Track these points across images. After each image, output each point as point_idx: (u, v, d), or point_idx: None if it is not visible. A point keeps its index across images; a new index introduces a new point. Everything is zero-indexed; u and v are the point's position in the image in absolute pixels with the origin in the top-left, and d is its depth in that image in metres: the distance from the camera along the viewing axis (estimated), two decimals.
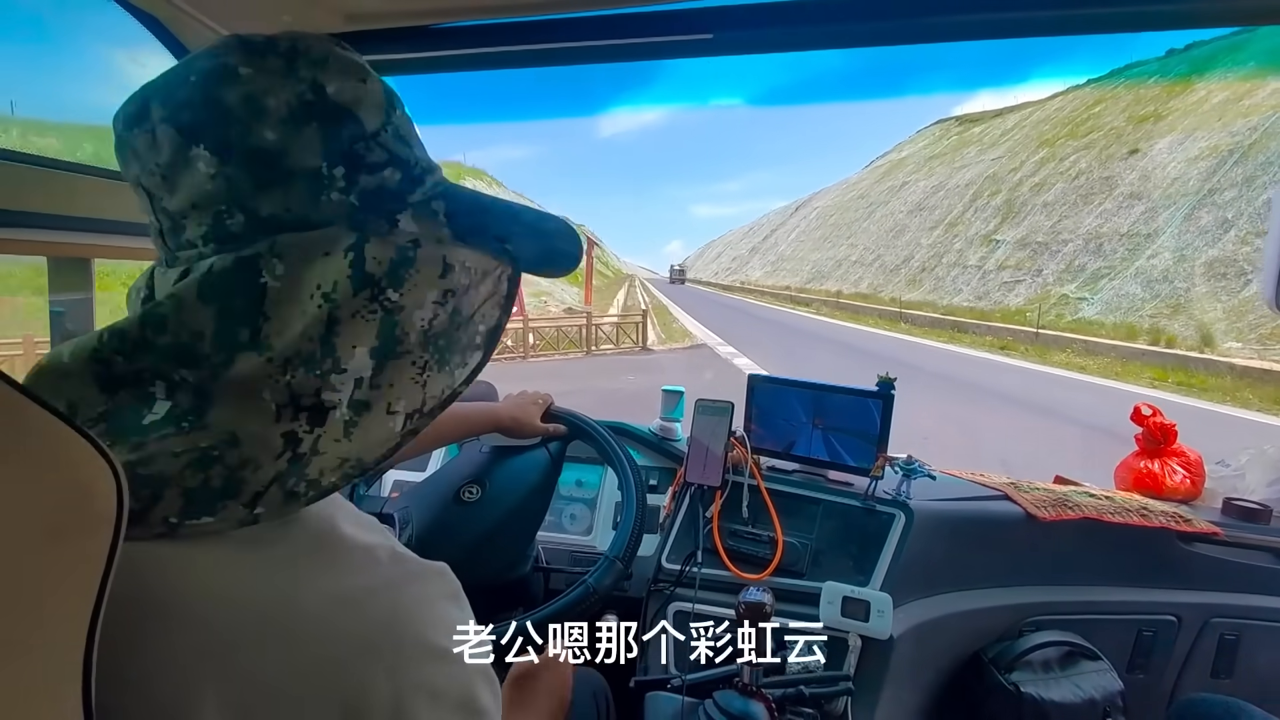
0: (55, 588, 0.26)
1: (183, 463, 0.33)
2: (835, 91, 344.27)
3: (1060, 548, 1.19)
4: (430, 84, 1.12)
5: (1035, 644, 1.09)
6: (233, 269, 0.35)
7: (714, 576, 1.09)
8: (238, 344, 0.35)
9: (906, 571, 1.05)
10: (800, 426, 1.21)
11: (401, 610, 0.36)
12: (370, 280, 0.37)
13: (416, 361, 0.40)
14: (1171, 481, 1.32)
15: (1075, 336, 13.51)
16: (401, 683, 0.34)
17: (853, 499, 1.13)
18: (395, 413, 0.39)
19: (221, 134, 0.35)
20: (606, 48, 0.91)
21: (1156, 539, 1.19)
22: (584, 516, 1.34)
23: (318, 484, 0.36)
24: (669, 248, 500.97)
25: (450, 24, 0.91)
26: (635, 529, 0.98)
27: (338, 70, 0.37)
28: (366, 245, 0.37)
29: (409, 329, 0.39)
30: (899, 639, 0.99)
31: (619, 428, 1.37)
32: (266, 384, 0.35)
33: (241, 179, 0.35)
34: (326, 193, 0.37)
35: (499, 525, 0.99)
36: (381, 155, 0.39)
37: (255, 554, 0.34)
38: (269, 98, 0.35)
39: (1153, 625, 1.19)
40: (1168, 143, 18.63)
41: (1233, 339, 10.94)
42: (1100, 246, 17.20)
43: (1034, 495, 1.22)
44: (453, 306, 0.41)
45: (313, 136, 0.36)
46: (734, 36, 0.88)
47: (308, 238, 0.36)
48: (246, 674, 0.31)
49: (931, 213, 29.16)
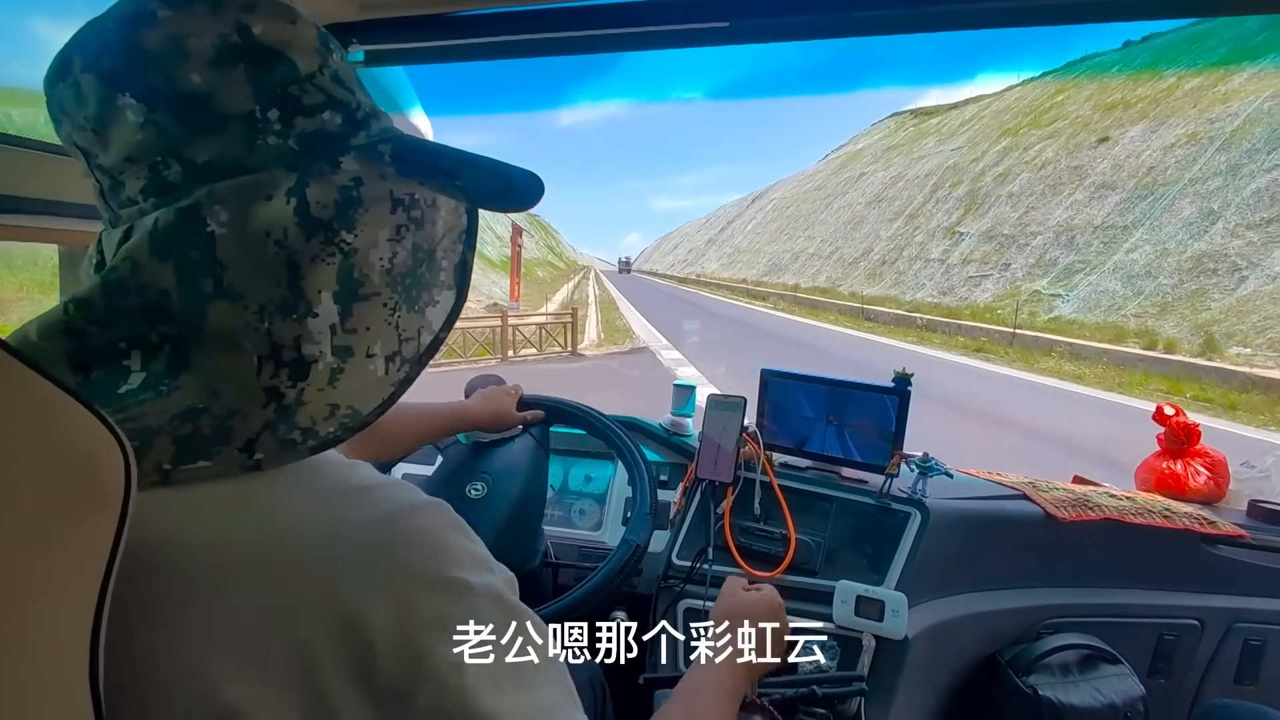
0: (63, 568, 0.25)
1: (168, 416, 0.33)
2: (792, 86, 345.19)
3: (1080, 549, 1.17)
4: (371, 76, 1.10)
5: (1054, 647, 1.06)
6: (176, 221, 0.34)
7: (725, 574, 1.07)
8: (204, 295, 0.34)
9: (922, 571, 1.04)
10: (814, 422, 1.19)
11: (402, 539, 0.35)
12: (320, 224, 0.36)
13: (387, 302, 0.39)
14: (1195, 483, 1.30)
15: (1057, 338, 12.14)
16: (409, 614, 0.33)
17: (867, 497, 1.12)
18: (374, 356, 0.39)
19: (145, 79, 0.34)
20: (624, 36, 0.90)
21: (1179, 541, 1.16)
22: (593, 512, 1.33)
23: (314, 433, 0.36)
24: (628, 239, 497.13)
25: (465, 12, 0.91)
26: (649, 484, 0.99)
27: (265, 12, 0.36)
28: (307, 188, 0.36)
29: (368, 270, 0.38)
30: (914, 640, 0.98)
31: (630, 423, 1.36)
32: (247, 334, 0.35)
33: (172, 126, 0.34)
34: (262, 136, 0.35)
35: (511, 519, 0.98)
36: (318, 98, 0.37)
37: (252, 492, 0.34)
38: (191, 39, 0.34)
39: (1175, 629, 1.16)
40: (1140, 130, 17.42)
41: (1237, 343, 9.89)
42: (1073, 239, 15.90)
43: (1053, 495, 1.19)
44: (411, 242, 0.40)
45: (241, 78, 0.35)
46: (750, 24, 0.87)
47: (244, 182, 0.35)
48: (233, 607, 0.31)
49: (890, 204, 27.47)
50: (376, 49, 0.97)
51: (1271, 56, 16.34)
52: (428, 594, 0.34)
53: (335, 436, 0.37)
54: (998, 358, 11.68)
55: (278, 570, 0.32)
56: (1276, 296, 10.42)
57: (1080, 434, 6.13)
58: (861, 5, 0.82)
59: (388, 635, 0.32)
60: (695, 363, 10.64)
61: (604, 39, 0.92)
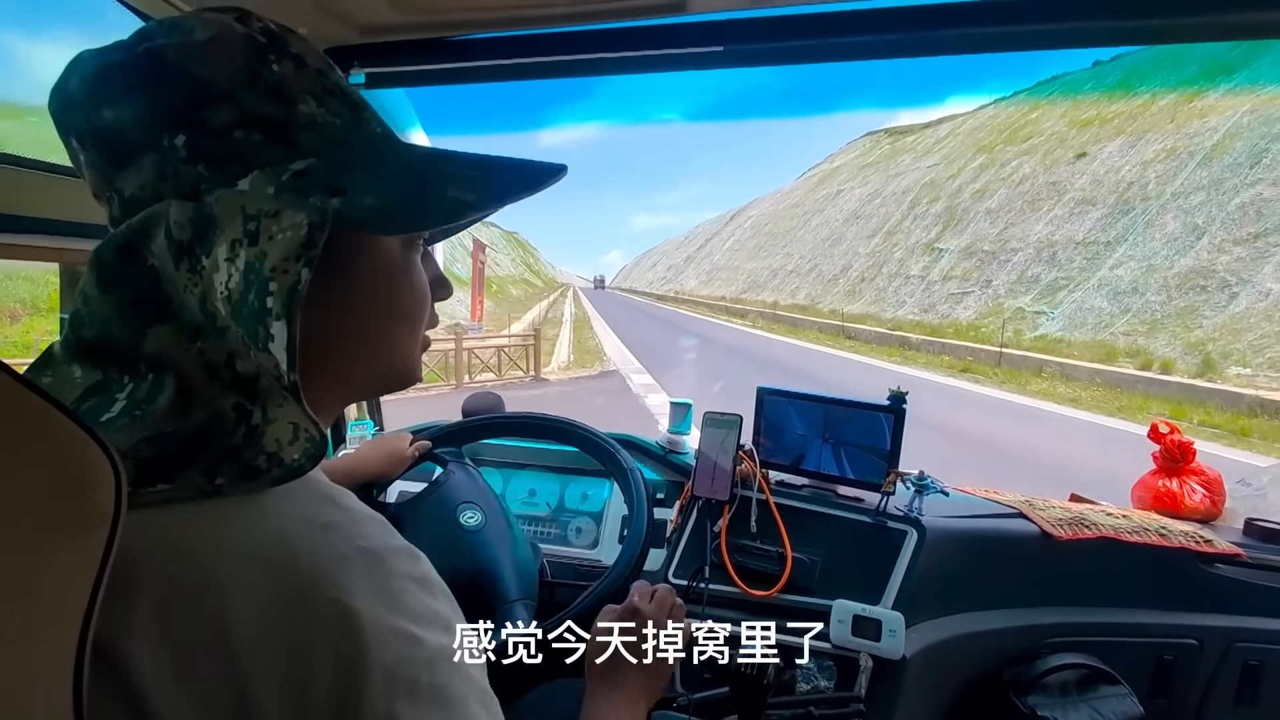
0: (54, 581, 0.26)
1: (137, 438, 0.32)
2: (768, 108, 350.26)
3: (1077, 567, 1.17)
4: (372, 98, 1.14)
5: (1052, 666, 1.06)
6: (114, 257, 0.35)
7: (722, 592, 1.07)
8: (141, 321, 0.35)
9: (919, 590, 1.03)
10: (810, 440, 1.19)
11: (361, 585, 0.33)
12: (182, 248, 0.34)
13: (239, 336, 0.34)
14: (1191, 501, 1.30)
15: (1045, 357, 11.83)
16: (352, 658, 0.31)
17: (863, 515, 1.11)
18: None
19: (74, 122, 0.36)
20: (619, 60, 0.91)
21: (1176, 559, 1.16)
22: (589, 530, 1.33)
23: (280, 459, 0.35)
24: (608, 257, 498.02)
25: (464, 36, 0.92)
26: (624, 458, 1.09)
27: (187, 33, 0.34)
28: (169, 210, 0.34)
29: (216, 300, 0.34)
30: (911, 659, 0.97)
31: (627, 440, 1.36)
32: (183, 358, 0.35)
33: (101, 163, 0.35)
34: (171, 165, 0.34)
35: (517, 541, 1.01)
36: (230, 115, 0.35)
37: (212, 519, 0.33)
38: (108, 77, 0.35)
39: (1173, 649, 1.16)
40: (1117, 145, 17.51)
41: (1235, 362, 9.69)
42: (1054, 255, 15.91)
43: (1050, 514, 1.19)
44: (244, 261, 0.33)
45: (145, 107, 0.34)
46: (744, 49, 0.89)
47: (149, 213, 0.35)
48: (178, 640, 0.30)
49: (868, 221, 27.85)
50: (377, 71, 0.98)
51: (1245, 74, 16.47)
52: (377, 641, 0.32)
53: (301, 465, 0.35)
54: (986, 378, 11.35)
55: (231, 600, 0.31)
56: (1271, 314, 10.31)
57: (1093, 467, 5.58)
58: (847, 31, 0.84)
59: (327, 681, 0.31)
60: (666, 388, 10.03)
61: (599, 63, 0.93)
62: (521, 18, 0.87)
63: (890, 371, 11.95)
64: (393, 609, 0.33)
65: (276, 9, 0.85)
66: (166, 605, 0.31)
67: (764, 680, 0.76)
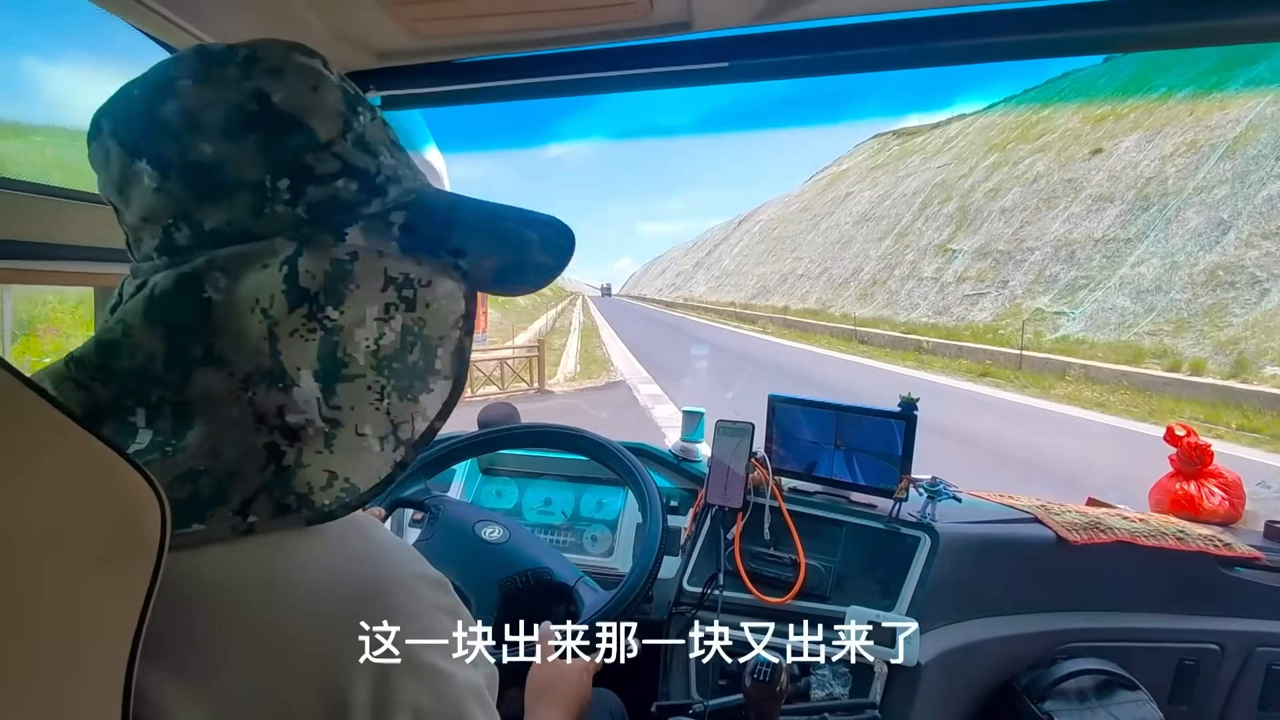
0: (103, 610, 0.27)
1: (169, 478, 0.33)
2: (775, 117, 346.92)
3: (1093, 572, 1.16)
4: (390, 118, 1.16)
5: (1069, 672, 1.05)
6: (173, 287, 0.35)
7: (736, 599, 1.08)
8: (191, 361, 0.34)
9: (933, 596, 1.03)
10: (821, 447, 1.20)
11: (393, 616, 0.34)
12: (306, 295, 0.35)
13: (372, 385, 0.38)
14: (1209, 504, 1.28)
15: (1068, 359, 11.18)
16: (384, 694, 0.33)
17: (876, 521, 1.12)
18: (365, 435, 0.38)
19: (159, 149, 0.35)
20: (627, 77, 0.93)
21: (1195, 563, 1.15)
22: (604, 539, 1.34)
23: (310, 501, 0.35)
24: (618, 264, 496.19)
25: (477, 59, 0.95)
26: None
27: (290, 78, 0.36)
28: (300, 258, 0.35)
29: (352, 350, 0.37)
30: (926, 666, 0.97)
31: (640, 449, 1.37)
32: (232, 401, 0.35)
33: (182, 192, 0.35)
34: (270, 205, 0.36)
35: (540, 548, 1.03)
36: (334, 165, 0.37)
37: (246, 558, 0.34)
38: (206, 111, 0.35)
39: (1194, 654, 1.14)
40: (1134, 140, 16.73)
41: (1271, 361, 9.00)
42: (1073, 254, 15.23)
43: (1065, 518, 1.19)
44: (401, 324, 0.38)
45: (254, 148, 0.35)
46: (749, 64, 0.91)
47: (244, 250, 0.35)
48: (222, 684, 0.31)
49: (879, 223, 26.90)
50: (393, 94, 1.01)
51: (1265, 65, 15.99)
52: (411, 679, 0.33)
53: (331, 511, 0.35)
54: (1007, 382, 10.69)
55: (268, 640, 0.32)
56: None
57: (1127, 474, 4.89)
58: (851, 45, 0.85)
59: (364, 715, 0.32)
60: (675, 399, 9.60)
61: (608, 81, 0.95)
62: (532, 40, 0.89)
63: (906, 377, 11.35)
64: (424, 644, 0.35)
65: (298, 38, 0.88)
66: (206, 646, 0.31)
67: (778, 686, 0.77)
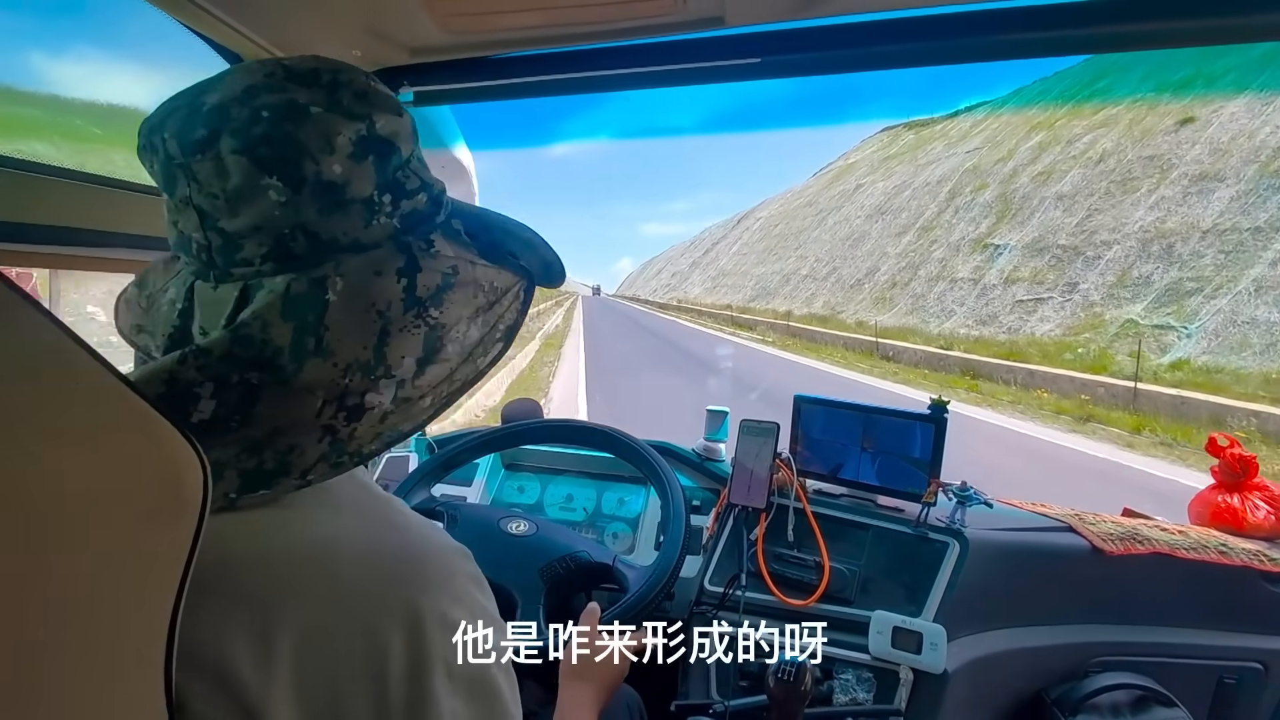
0: (147, 566, 0.28)
1: (234, 450, 0.37)
2: (782, 114, 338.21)
3: (1129, 584, 1.12)
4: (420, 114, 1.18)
5: (1103, 686, 1.02)
6: (308, 290, 0.38)
7: (758, 600, 1.07)
8: (306, 352, 0.38)
9: (961, 603, 1.01)
10: (848, 449, 1.18)
11: (430, 578, 0.39)
12: (419, 301, 0.42)
13: (451, 362, 0.45)
14: (1253, 518, 1.23)
15: (1204, 398, 7.39)
16: (419, 648, 0.37)
17: (904, 525, 1.10)
18: (426, 396, 0.44)
19: (297, 169, 0.38)
20: (659, 74, 0.93)
21: (1238, 578, 1.11)
22: (625, 536, 1.34)
23: (359, 452, 0.41)
24: (619, 265, 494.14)
25: (507, 55, 0.95)
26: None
27: (381, 105, 0.42)
28: (419, 273, 0.42)
29: (447, 340, 0.44)
30: (954, 674, 0.95)
31: (663, 447, 1.37)
32: (328, 386, 0.39)
33: (310, 208, 0.39)
34: (376, 217, 0.41)
35: (568, 537, 1.03)
36: (415, 181, 0.44)
37: (298, 517, 0.39)
38: (339, 135, 0.39)
39: (1235, 672, 1.10)
40: (1242, 104, 12.80)
41: None
42: (1170, 248, 11.53)
43: (1101, 529, 1.15)
44: (483, 320, 0.47)
45: (369, 168, 0.40)
46: (782, 59, 0.90)
47: (364, 259, 0.41)
48: (271, 630, 0.34)
49: (897, 216, 23.22)
50: (425, 90, 1.02)
51: None
52: (441, 633, 0.38)
53: (374, 450, 0.42)
54: (1127, 432, 6.71)
55: (317, 592, 0.36)
56: None
57: None
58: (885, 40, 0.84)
59: (401, 669, 0.36)
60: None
61: (640, 77, 0.95)
62: (564, 35, 0.89)
63: (972, 420, 7.52)
64: (455, 607, 0.40)
65: (334, 35, 0.90)
66: (258, 605, 0.35)
67: (802, 686, 0.76)
